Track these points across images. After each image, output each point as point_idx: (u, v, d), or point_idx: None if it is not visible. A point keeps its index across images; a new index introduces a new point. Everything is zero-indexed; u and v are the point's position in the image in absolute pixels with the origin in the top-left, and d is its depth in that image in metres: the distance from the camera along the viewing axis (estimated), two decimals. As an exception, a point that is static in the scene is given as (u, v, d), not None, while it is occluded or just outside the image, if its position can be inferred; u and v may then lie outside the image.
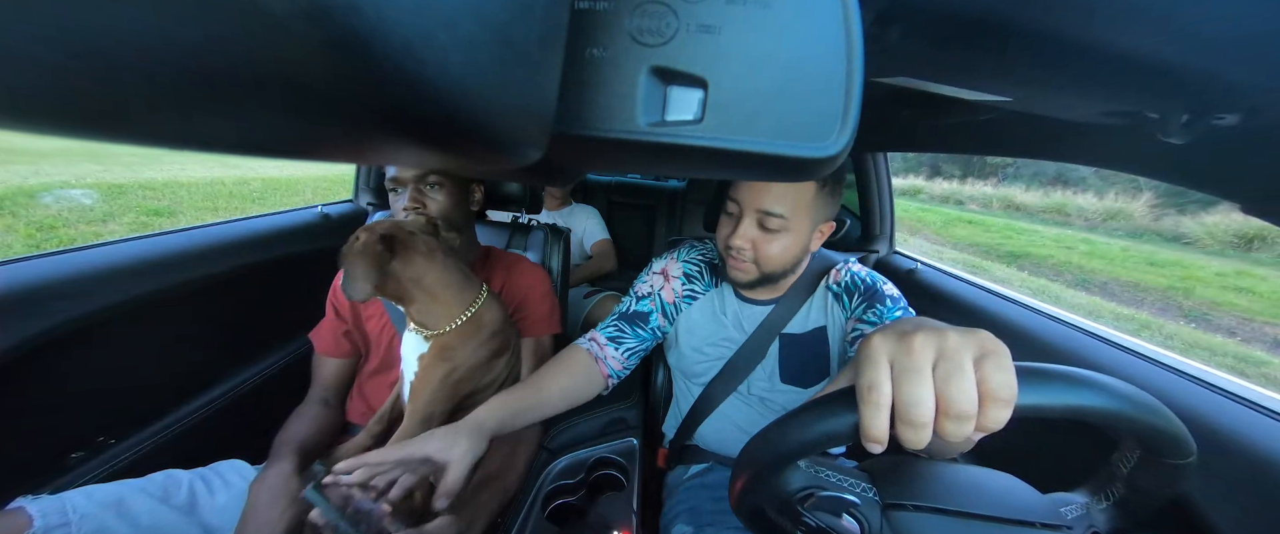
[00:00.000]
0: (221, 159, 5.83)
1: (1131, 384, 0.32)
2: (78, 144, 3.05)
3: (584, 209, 1.95)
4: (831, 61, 0.18)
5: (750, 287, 0.77)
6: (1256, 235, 7.65)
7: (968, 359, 0.29)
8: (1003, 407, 0.29)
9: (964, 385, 0.29)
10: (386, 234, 0.69)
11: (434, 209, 0.85)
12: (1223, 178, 0.53)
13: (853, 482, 0.40)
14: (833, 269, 0.80)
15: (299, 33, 0.09)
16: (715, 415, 0.86)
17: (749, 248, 0.71)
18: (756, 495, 0.39)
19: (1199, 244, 8.02)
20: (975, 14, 0.38)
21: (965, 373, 0.29)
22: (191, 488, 0.70)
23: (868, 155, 1.46)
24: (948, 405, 0.29)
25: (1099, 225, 9.51)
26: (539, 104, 0.17)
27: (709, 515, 0.75)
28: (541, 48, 0.16)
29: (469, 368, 0.73)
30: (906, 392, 0.29)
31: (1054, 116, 0.62)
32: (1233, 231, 7.78)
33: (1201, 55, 0.37)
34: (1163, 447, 0.33)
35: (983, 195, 12.05)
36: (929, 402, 0.29)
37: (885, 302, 0.73)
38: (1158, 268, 6.80)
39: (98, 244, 0.81)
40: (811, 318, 0.79)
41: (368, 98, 0.11)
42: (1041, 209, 10.77)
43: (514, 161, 0.18)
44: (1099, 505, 0.40)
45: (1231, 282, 6.23)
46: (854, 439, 0.32)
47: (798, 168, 0.20)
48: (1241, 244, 7.71)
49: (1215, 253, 7.60)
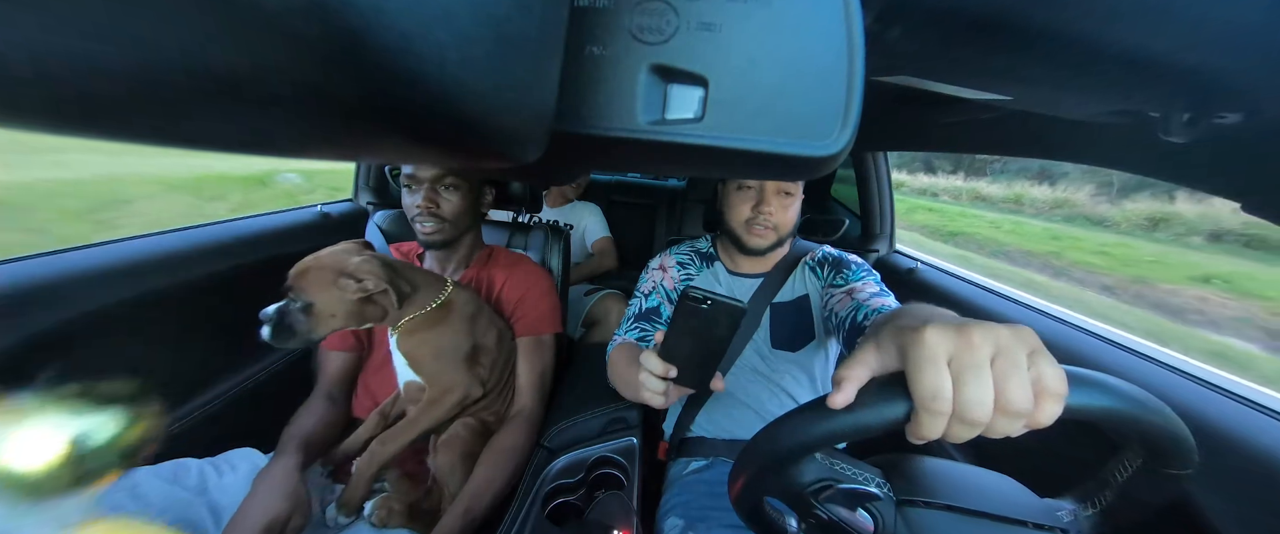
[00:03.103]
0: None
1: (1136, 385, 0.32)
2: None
3: (586, 206, 1.94)
4: (832, 60, 0.18)
5: (757, 254, 0.87)
6: (1161, 218, 9.25)
7: (1023, 355, 0.29)
8: (1057, 402, 0.29)
9: (1022, 383, 0.28)
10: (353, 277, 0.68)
11: (447, 210, 0.86)
12: (1223, 177, 0.52)
13: (869, 476, 0.40)
14: (809, 252, 0.93)
15: (294, 28, 0.09)
16: (716, 396, 0.89)
17: (773, 215, 0.82)
18: (764, 485, 0.39)
19: (1114, 226, 9.84)
20: (976, 12, 0.38)
21: (1022, 369, 0.28)
22: (201, 472, 0.72)
23: (868, 154, 1.45)
24: (1007, 404, 0.28)
25: (1045, 212, 10.99)
26: (538, 102, 0.16)
27: (701, 510, 0.76)
28: (540, 45, 0.15)
29: (452, 341, 0.78)
30: (969, 392, 0.28)
31: (1054, 115, 0.62)
32: (1144, 216, 9.52)
33: (1203, 53, 0.37)
34: (1169, 455, 0.33)
35: (954, 188, 13.59)
36: (990, 401, 0.28)
37: (850, 266, 0.85)
38: (1057, 240, 8.63)
39: (100, 243, 0.81)
40: (795, 288, 0.89)
41: (365, 94, 0.11)
42: (1001, 199, 12.38)
43: (514, 159, 0.18)
44: (1085, 513, 0.40)
45: (1102, 249, 8.12)
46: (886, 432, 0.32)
47: (798, 166, 0.20)
48: (1148, 225, 9.46)
49: (1124, 232, 9.44)
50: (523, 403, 0.88)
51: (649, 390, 0.53)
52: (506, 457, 0.79)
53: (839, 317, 0.75)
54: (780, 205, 0.82)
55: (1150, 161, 0.60)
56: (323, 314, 0.68)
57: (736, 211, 0.84)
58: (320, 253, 0.72)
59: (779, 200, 0.82)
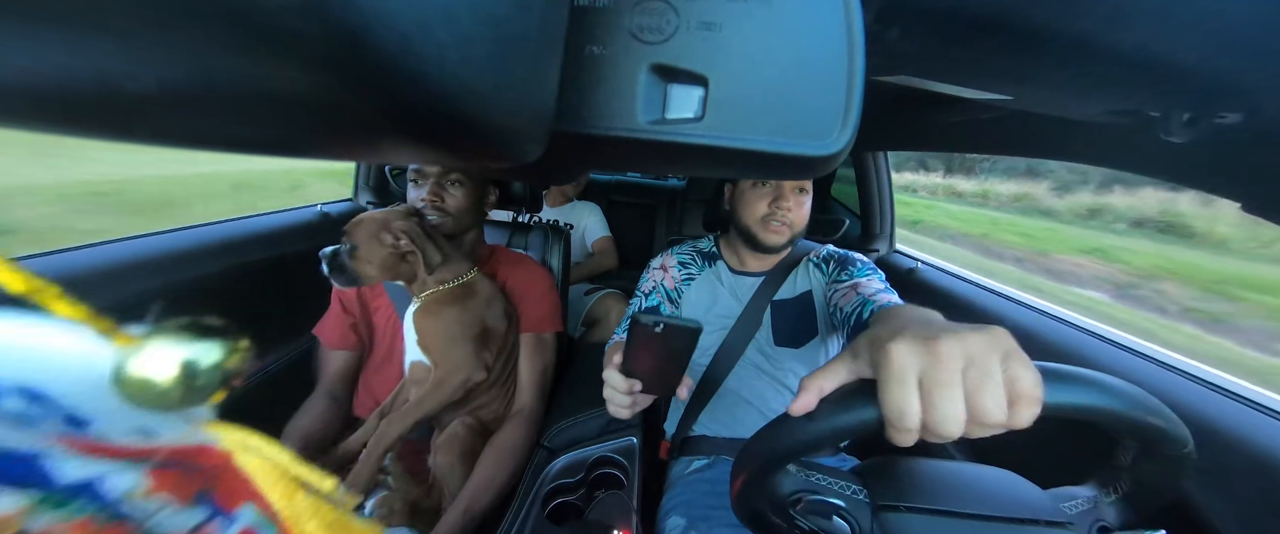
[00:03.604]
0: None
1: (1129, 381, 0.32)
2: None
3: (586, 205, 1.94)
4: (833, 59, 0.18)
5: (772, 251, 0.88)
6: (1097, 208, 11.46)
7: (995, 362, 0.28)
8: (1032, 405, 0.28)
9: (995, 393, 0.28)
10: (389, 229, 0.77)
11: (452, 204, 0.88)
12: (1224, 177, 0.52)
13: (843, 484, 0.40)
14: (812, 251, 0.94)
15: (293, 28, 0.09)
16: (719, 394, 0.89)
17: (790, 212, 0.83)
18: (755, 496, 0.39)
19: (1058, 215, 11.94)
20: (975, 12, 0.38)
21: (994, 378, 0.28)
22: None
23: (868, 154, 1.45)
24: (980, 415, 0.28)
25: (1006, 205, 13.16)
26: (538, 101, 0.16)
27: (703, 509, 0.76)
28: (540, 45, 0.15)
29: (463, 324, 0.81)
30: (939, 409, 0.28)
31: (1054, 115, 0.62)
32: (1085, 207, 11.77)
33: (1204, 53, 0.37)
34: (1159, 440, 0.33)
35: (932, 184, 15.49)
36: (961, 416, 0.28)
37: (855, 263, 0.85)
38: (995, 225, 10.53)
39: (99, 242, 0.81)
40: (798, 285, 0.90)
41: (364, 94, 0.11)
42: (971, 194, 14.49)
43: (514, 159, 0.18)
44: (1107, 499, 0.40)
45: (1027, 231, 9.95)
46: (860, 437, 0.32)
47: (798, 166, 0.20)
48: (1087, 215, 11.61)
49: (1067, 221, 11.50)
50: (524, 401, 0.88)
51: (614, 405, 0.55)
52: (507, 455, 0.80)
53: (844, 312, 0.75)
54: (796, 202, 0.83)
55: (1150, 161, 0.60)
56: (364, 260, 0.77)
57: (753, 209, 0.84)
58: (375, 210, 0.83)
59: (795, 197, 0.83)
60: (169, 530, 0.21)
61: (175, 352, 0.16)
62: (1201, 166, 0.53)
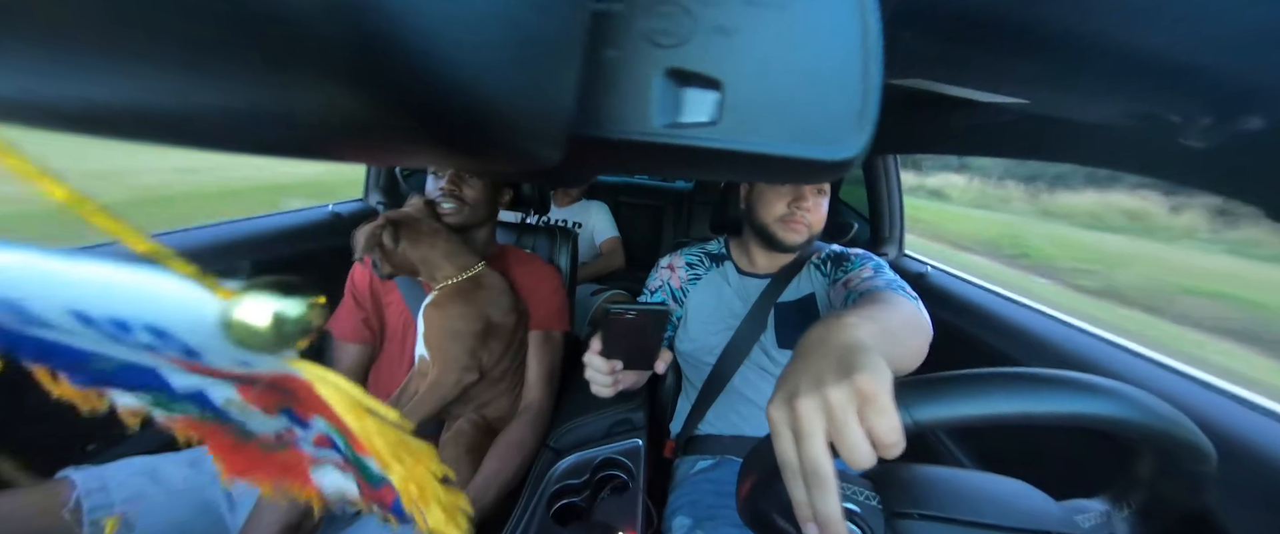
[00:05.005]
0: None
1: (1148, 392, 0.31)
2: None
3: (595, 205, 1.95)
4: (848, 63, 0.18)
5: (789, 251, 0.89)
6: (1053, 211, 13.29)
7: (850, 414, 0.31)
8: (894, 449, 0.30)
9: (856, 441, 0.30)
10: (393, 221, 0.81)
11: (469, 194, 0.90)
12: (1246, 183, 0.51)
13: (856, 489, 0.39)
14: (816, 251, 0.95)
15: (320, 32, 0.09)
16: (725, 393, 0.89)
17: (810, 212, 0.83)
18: (763, 499, 0.39)
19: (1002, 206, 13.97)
20: (991, 14, 0.38)
21: (850, 428, 0.30)
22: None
23: (879, 158, 1.44)
24: (848, 457, 0.30)
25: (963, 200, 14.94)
26: (557, 106, 0.17)
27: (709, 509, 0.76)
28: (560, 50, 0.16)
29: (466, 319, 0.82)
30: (808, 458, 0.31)
31: (1070, 118, 0.61)
32: (1039, 208, 13.81)
33: (1225, 56, 0.36)
34: (1175, 453, 0.32)
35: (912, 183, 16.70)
36: (827, 463, 0.31)
37: (849, 258, 0.85)
38: (955, 219, 11.51)
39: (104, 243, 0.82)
40: (802, 287, 0.90)
41: (390, 99, 0.11)
42: (933, 189, 16.16)
43: (533, 163, 0.18)
44: (1120, 513, 0.39)
45: (982, 224, 11.02)
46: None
47: (814, 170, 0.20)
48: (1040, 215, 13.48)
49: (1024, 214, 13.21)
50: (532, 397, 0.89)
51: (597, 385, 0.60)
52: (514, 451, 0.80)
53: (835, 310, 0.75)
54: (815, 203, 0.83)
55: (1170, 166, 0.59)
56: (387, 247, 0.81)
57: (771, 208, 0.84)
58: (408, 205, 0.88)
59: (814, 198, 0.83)
60: (258, 430, 0.29)
61: (268, 304, 0.19)
62: (1223, 172, 0.52)
